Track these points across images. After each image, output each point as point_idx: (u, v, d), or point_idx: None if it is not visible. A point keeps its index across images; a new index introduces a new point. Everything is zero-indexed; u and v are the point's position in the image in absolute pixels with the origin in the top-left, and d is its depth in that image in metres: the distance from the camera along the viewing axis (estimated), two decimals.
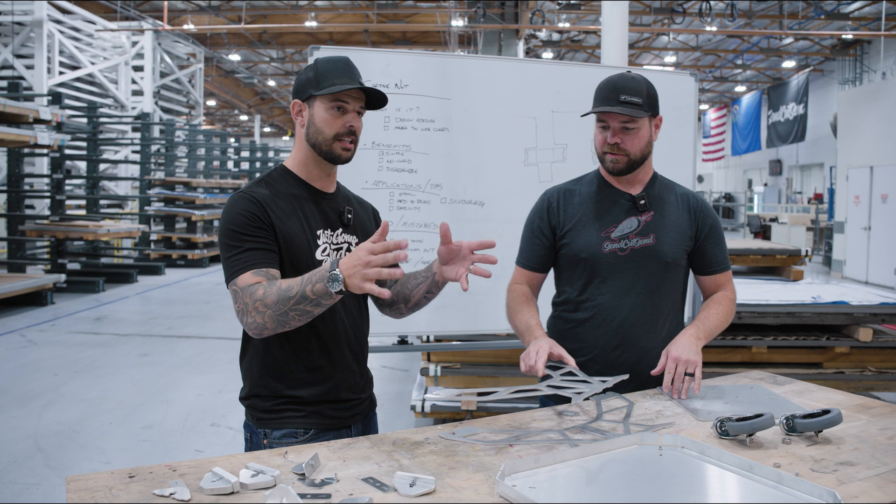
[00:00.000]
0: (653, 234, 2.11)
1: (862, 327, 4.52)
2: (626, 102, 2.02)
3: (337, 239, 1.89)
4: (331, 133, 1.81)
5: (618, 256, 2.09)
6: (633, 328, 2.11)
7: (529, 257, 2.22)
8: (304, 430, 1.84)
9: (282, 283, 1.63)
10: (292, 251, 1.78)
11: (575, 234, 2.13)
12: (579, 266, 2.13)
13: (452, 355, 4.44)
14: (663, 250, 2.10)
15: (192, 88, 19.76)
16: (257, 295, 1.64)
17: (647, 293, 2.11)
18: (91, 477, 1.39)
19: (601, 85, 2.08)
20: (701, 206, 2.21)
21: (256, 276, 1.69)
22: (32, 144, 8.71)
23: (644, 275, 2.10)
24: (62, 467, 4.09)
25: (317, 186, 1.90)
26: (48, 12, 13.54)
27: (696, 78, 3.78)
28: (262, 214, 1.75)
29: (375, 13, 17.38)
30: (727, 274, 2.22)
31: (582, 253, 2.11)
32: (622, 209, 2.13)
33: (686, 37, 20.23)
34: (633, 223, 2.11)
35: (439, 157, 3.32)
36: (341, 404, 1.89)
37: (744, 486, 1.41)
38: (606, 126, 2.07)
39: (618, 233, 2.10)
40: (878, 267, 12.11)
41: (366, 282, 1.52)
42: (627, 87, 2.03)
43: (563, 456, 1.49)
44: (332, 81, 1.79)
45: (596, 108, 2.05)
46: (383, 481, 1.38)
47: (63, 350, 6.98)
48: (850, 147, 13.30)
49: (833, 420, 1.64)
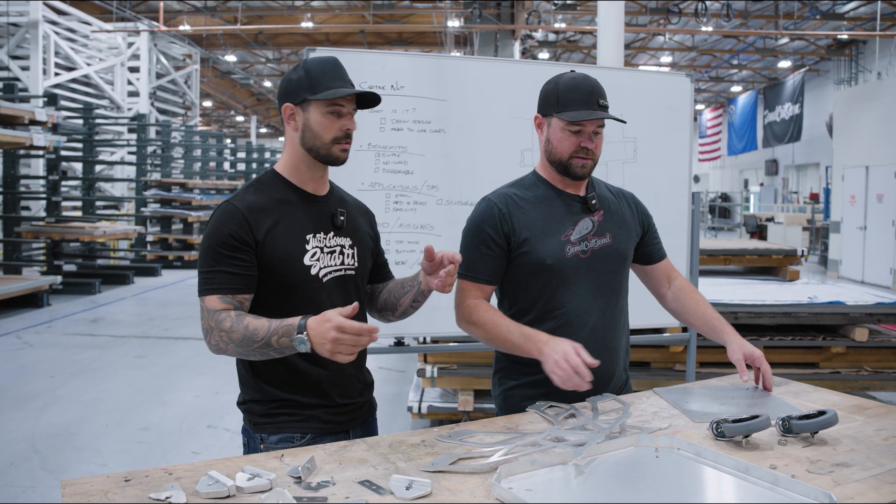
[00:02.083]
0: (608, 233, 2.08)
1: (858, 327, 4.53)
2: (604, 106, 1.98)
3: (329, 242, 1.87)
4: (329, 137, 1.80)
5: (581, 259, 2.03)
6: (605, 330, 2.07)
7: (482, 270, 2.04)
8: (301, 435, 1.83)
9: (249, 322, 1.65)
10: (277, 258, 1.77)
11: (535, 241, 2.01)
12: (542, 274, 2.01)
13: (449, 356, 4.44)
14: (620, 247, 2.10)
15: (188, 89, 19.74)
16: (224, 326, 1.67)
17: (611, 292, 2.09)
18: (86, 481, 1.38)
19: (570, 87, 1.98)
20: (638, 202, 2.23)
21: (223, 301, 1.71)
22: (28, 146, 8.69)
23: (606, 274, 2.07)
24: (59, 469, 4.08)
25: (308, 190, 1.88)
26: (43, 13, 13.52)
27: (691, 78, 3.78)
28: (246, 233, 1.74)
29: (371, 14, 17.38)
30: (668, 261, 2.26)
31: (547, 259, 2.00)
32: (575, 211, 2.06)
33: (682, 37, 20.26)
34: (587, 224, 2.06)
35: (435, 159, 3.31)
36: (338, 408, 1.88)
37: (740, 487, 1.41)
38: (579, 131, 1.98)
39: (576, 235, 2.04)
40: (873, 266, 12.14)
41: (334, 356, 1.56)
42: (600, 91, 1.98)
43: (559, 458, 1.49)
44: (328, 85, 1.78)
45: (577, 112, 1.95)
46: (379, 484, 1.38)
47: (59, 352, 6.96)
48: (846, 147, 13.33)
49: (829, 421, 1.64)
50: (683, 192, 3.73)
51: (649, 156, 3.65)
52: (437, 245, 3.34)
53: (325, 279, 1.84)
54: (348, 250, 1.91)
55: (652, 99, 3.67)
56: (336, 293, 1.86)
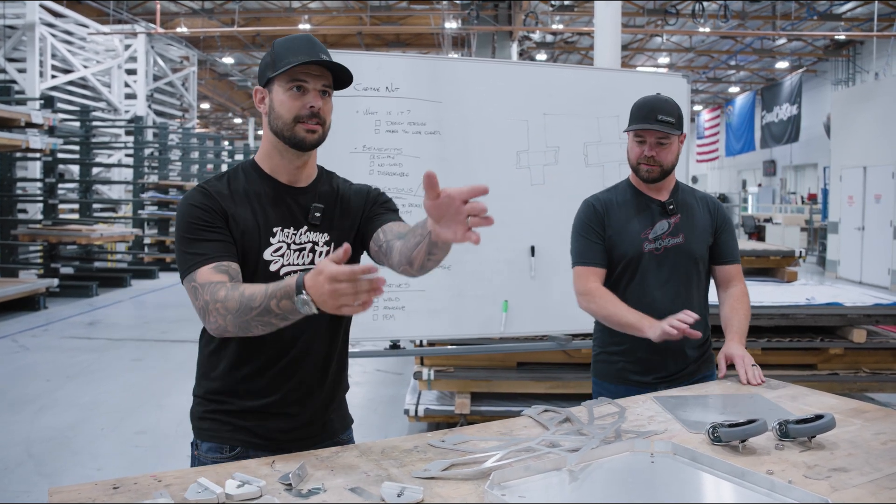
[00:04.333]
0: (682, 234, 2.42)
1: (856, 328, 4.52)
2: (662, 121, 2.32)
3: (300, 238, 1.71)
4: (290, 116, 1.65)
5: (654, 255, 2.39)
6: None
7: (594, 256, 2.42)
8: (231, 447, 1.71)
9: (245, 288, 1.49)
10: (240, 248, 1.66)
11: (619, 237, 2.40)
12: (621, 265, 2.41)
13: (446, 359, 4.42)
14: (691, 247, 2.42)
15: (185, 91, 19.71)
16: (219, 296, 1.50)
17: (681, 285, 2.42)
18: (74, 489, 1.36)
19: (639, 105, 2.38)
20: (717, 206, 2.57)
21: (216, 271, 1.56)
22: (25, 148, 8.69)
23: (677, 269, 2.41)
24: (54, 474, 4.06)
25: (282, 180, 1.73)
26: (40, 16, 13.47)
27: (688, 80, 3.77)
28: (217, 206, 1.64)
29: (369, 15, 17.36)
30: (738, 267, 2.53)
31: (627, 253, 2.39)
32: (655, 213, 2.43)
33: (679, 38, 20.26)
34: (664, 225, 2.41)
35: (431, 161, 3.30)
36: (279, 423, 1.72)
37: (736, 493, 1.40)
38: (643, 141, 2.36)
39: (653, 234, 2.40)
40: (871, 267, 12.14)
41: (341, 310, 1.34)
42: (663, 108, 2.33)
43: (553, 464, 1.48)
44: (289, 60, 1.63)
45: (637, 125, 2.34)
46: (371, 491, 1.36)
47: (56, 355, 6.94)
48: (844, 147, 13.32)
49: (826, 425, 1.62)
50: None
51: None
52: None
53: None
54: (322, 248, 1.74)
55: None
56: None
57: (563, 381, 4.41)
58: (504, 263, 3.44)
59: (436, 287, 3.36)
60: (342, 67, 1.67)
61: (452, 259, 3.38)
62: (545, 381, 4.42)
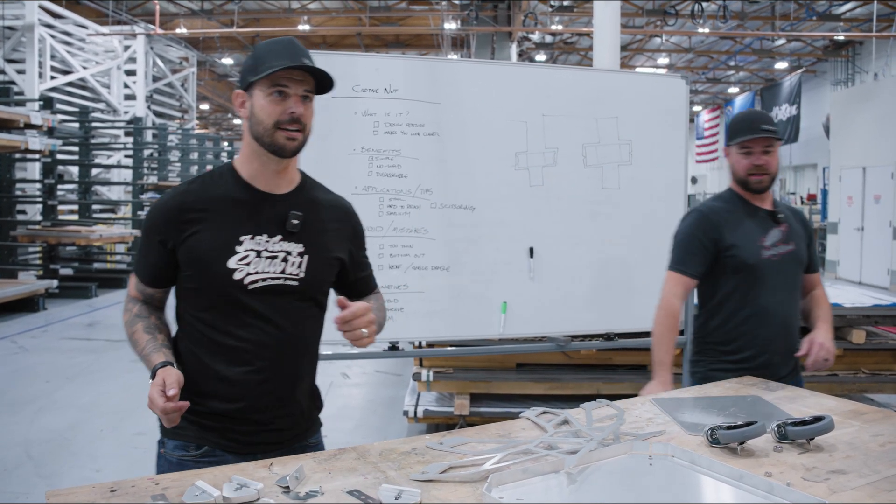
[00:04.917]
0: (792, 242, 2.52)
1: (855, 329, 4.51)
2: (766, 130, 2.42)
3: (273, 247, 1.68)
4: (270, 122, 1.63)
5: (772, 262, 2.48)
6: (790, 319, 2.53)
7: (693, 267, 2.52)
8: (197, 446, 1.70)
9: (137, 329, 1.69)
10: (197, 257, 1.65)
11: (740, 245, 2.47)
12: (742, 272, 2.48)
13: (445, 360, 4.42)
14: (800, 254, 2.55)
15: (184, 92, 19.71)
16: (125, 317, 1.74)
17: (793, 289, 2.55)
18: (71, 492, 1.36)
19: (740, 118, 2.51)
20: (804, 217, 2.70)
21: (137, 287, 1.76)
22: (24, 150, 8.67)
23: (790, 275, 2.53)
24: (53, 475, 4.06)
25: (259, 187, 1.70)
26: (39, 17, 13.46)
27: (687, 80, 3.77)
28: (166, 233, 1.66)
29: (368, 16, 17.36)
30: (819, 275, 2.70)
31: (749, 260, 2.46)
32: (766, 222, 2.52)
33: (679, 38, 20.25)
34: (777, 234, 2.51)
35: (429, 162, 3.30)
36: (246, 427, 1.70)
37: (734, 495, 1.39)
38: (750, 151, 2.45)
39: (768, 241, 2.49)
40: (871, 267, 12.13)
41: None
42: (763, 118, 2.46)
43: (551, 466, 1.47)
44: (270, 64, 1.61)
45: (744, 136, 2.43)
46: (368, 493, 1.36)
47: (55, 356, 6.94)
48: (843, 148, 13.32)
49: (825, 427, 1.62)
50: (679, 194, 3.72)
51: (645, 158, 3.64)
52: (433, 249, 3.33)
53: (252, 287, 1.65)
54: (295, 258, 1.69)
55: (648, 101, 3.66)
56: (264, 304, 1.66)
57: (562, 383, 4.41)
58: (503, 264, 3.44)
59: (435, 288, 3.36)
60: (324, 73, 1.66)
61: (451, 260, 3.38)
62: (544, 382, 4.42)
